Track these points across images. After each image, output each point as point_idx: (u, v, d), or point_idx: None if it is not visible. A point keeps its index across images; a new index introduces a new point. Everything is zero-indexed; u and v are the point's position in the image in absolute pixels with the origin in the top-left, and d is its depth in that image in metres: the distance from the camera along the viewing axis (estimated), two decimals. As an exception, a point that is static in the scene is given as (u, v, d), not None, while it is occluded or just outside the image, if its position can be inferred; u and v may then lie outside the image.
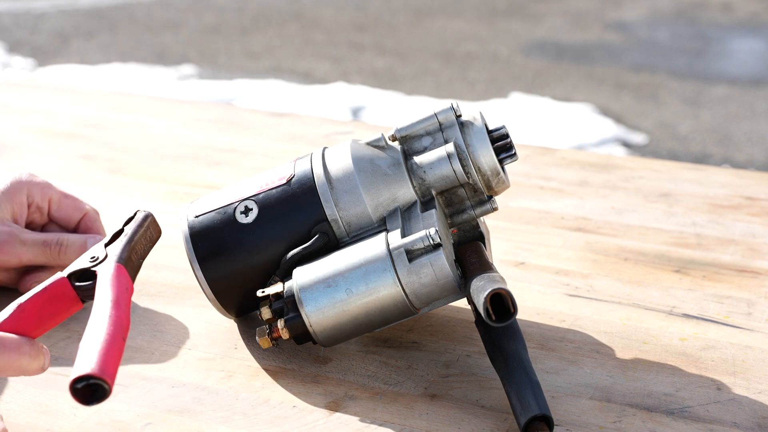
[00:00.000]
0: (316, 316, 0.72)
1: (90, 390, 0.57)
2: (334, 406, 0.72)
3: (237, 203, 0.79)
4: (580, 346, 0.80)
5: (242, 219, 0.78)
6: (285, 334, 0.73)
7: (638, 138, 3.62)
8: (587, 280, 0.91)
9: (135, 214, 0.71)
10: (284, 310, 0.74)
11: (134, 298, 0.87)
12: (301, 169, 0.79)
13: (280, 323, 0.73)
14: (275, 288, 0.74)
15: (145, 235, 0.70)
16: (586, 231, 1.01)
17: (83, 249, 0.84)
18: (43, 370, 0.64)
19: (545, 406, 0.67)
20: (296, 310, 0.73)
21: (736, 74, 4.37)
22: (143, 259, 0.70)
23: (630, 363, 0.78)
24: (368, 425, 0.70)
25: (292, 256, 0.76)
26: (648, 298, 0.88)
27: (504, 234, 1.00)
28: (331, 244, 0.77)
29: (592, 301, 0.87)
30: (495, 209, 0.79)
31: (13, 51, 4.72)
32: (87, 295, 0.65)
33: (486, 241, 0.81)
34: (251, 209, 0.78)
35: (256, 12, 5.42)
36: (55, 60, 4.57)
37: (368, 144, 0.80)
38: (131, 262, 0.67)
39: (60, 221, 0.88)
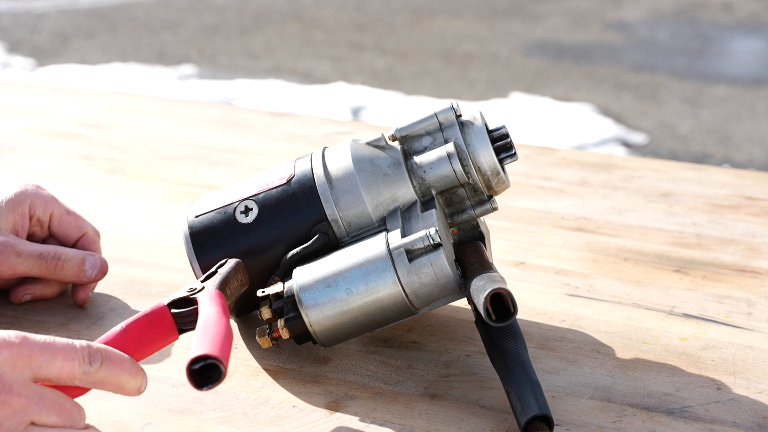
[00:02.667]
0: (316, 315, 0.72)
1: (206, 372, 0.60)
2: (334, 406, 0.72)
3: (237, 203, 0.79)
4: (580, 346, 0.80)
5: (242, 219, 0.78)
6: (285, 334, 0.73)
7: (638, 138, 3.62)
8: (587, 280, 0.91)
9: (225, 261, 0.73)
10: (284, 309, 0.73)
11: (134, 298, 0.87)
12: (301, 168, 0.79)
13: (280, 323, 0.73)
14: (275, 288, 0.74)
15: (236, 277, 0.72)
16: (586, 231, 1.01)
17: (81, 265, 0.84)
18: (140, 391, 0.64)
19: (545, 405, 0.67)
20: (296, 309, 0.73)
21: (736, 74, 4.37)
22: (232, 300, 0.71)
23: (630, 363, 0.78)
24: (368, 425, 0.70)
25: (292, 255, 0.76)
26: (648, 298, 0.88)
27: (504, 234, 1.00)
28: (331, 243, 0.77)
29: (592, 301, 0.87)
30: (495, 209, 0.79)
31: (13, 51, 4.72)
32: (184, 323, 0.67)
33: (486, 241, 0.81)
34: (251, 209, 0.78)
35: (256, 12, 5.42)
36: (55, 60, 4.57)
37: (368, 144, 0.79)
38: (226, 295, 0.69)
39: (59, 237, 0.88)
